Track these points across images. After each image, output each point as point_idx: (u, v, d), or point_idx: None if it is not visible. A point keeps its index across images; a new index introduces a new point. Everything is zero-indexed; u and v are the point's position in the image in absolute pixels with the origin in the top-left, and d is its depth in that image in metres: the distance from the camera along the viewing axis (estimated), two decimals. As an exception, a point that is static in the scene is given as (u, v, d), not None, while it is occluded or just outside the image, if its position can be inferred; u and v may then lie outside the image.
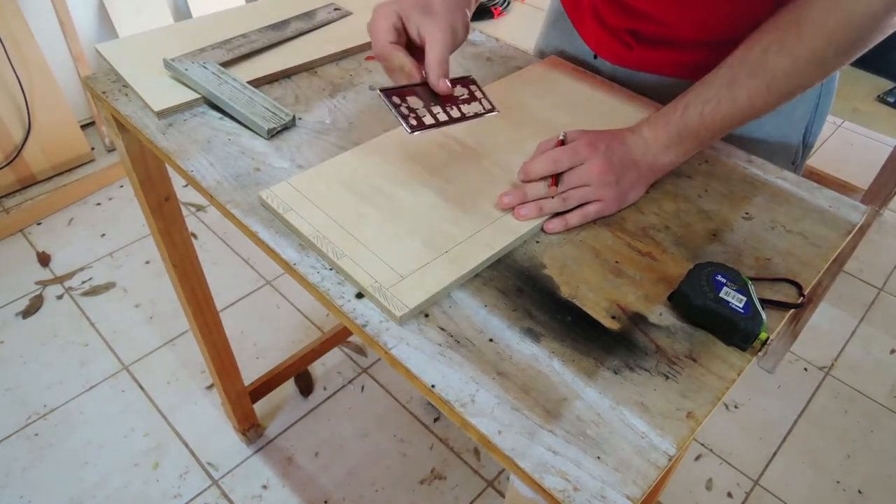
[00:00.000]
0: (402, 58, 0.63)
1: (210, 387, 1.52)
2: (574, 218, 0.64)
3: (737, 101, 0.62)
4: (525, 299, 0.57)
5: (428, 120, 0.62)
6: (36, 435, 1.41)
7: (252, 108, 0.76)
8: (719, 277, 0.55)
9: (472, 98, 0.67)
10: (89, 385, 1.51)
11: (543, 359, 0.53)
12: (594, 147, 0.64)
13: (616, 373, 0.52)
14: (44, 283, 1.75)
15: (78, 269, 1.79)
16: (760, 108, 0.62)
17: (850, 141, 2.47)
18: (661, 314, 0.57)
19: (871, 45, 0.59)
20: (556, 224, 0.64)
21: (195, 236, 1.91)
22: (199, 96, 0.78)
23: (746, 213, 0.67)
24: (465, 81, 0.68)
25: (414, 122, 0.61)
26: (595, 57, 0.87)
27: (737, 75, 0.62)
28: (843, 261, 1.38)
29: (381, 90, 0.61)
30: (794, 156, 0.83)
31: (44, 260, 1.81)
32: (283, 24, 0.92)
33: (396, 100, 0.61)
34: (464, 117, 0.65)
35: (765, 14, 0.63)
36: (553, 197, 0.63)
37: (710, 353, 0.54)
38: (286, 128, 0.76)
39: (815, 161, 2.34)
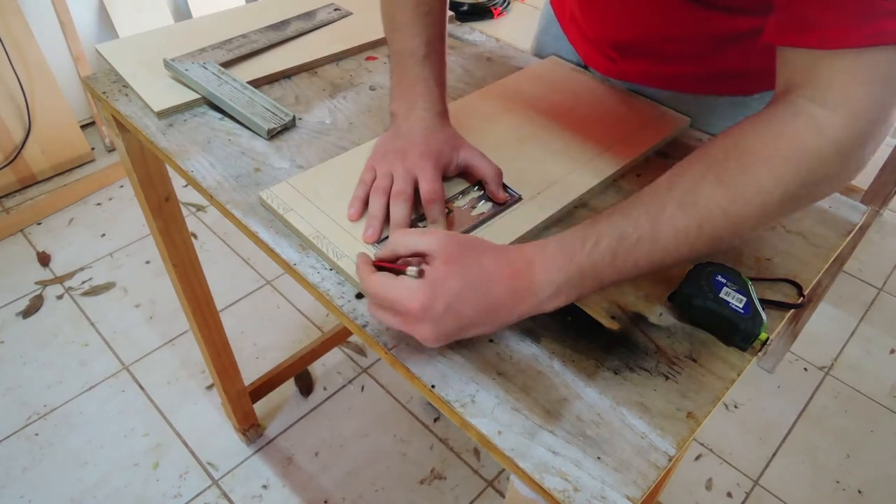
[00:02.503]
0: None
1: (210, 387, 1.52)
2: (378, 315, 0.51)
3: (658, 240, 0.48)
4: (525, 299, 0.57)
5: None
6: (36, 435, 1.41)
7: (252, 108, 0.76)
8: (719, 277, 0.55)
9: (484, 197, 0.67)
10: (89, 385, 1.51)
11: (543, 359, 0.53)
12: (425, 313, 0.48)
13: (616, 373, 0.52)
14: (44, 283, 1.75)
15: (78, 269, 1.79)
16: (685, 252, 0.49)
17: (850, 141, 2.47)
18: (661, 314, 0.57)
19: (820, 197, 0.50)
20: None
21: (195, 236, 1.91)
22: (199, 96, 0.78)
23: (746, 214, 0.67)
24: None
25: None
26: (585, 67, 0.88)
27: (663, 205, 0.49)
28: (843, 261, 1.38)
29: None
30: None
31: (44, 260, 1.81)
32: (283, 24, 0.92)
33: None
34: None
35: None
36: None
37: (710, 354, 0.54)
38: (286, 128, 0.76)
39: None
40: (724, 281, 0.55)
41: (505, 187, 0.66)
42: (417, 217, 0.63)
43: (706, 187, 0.48)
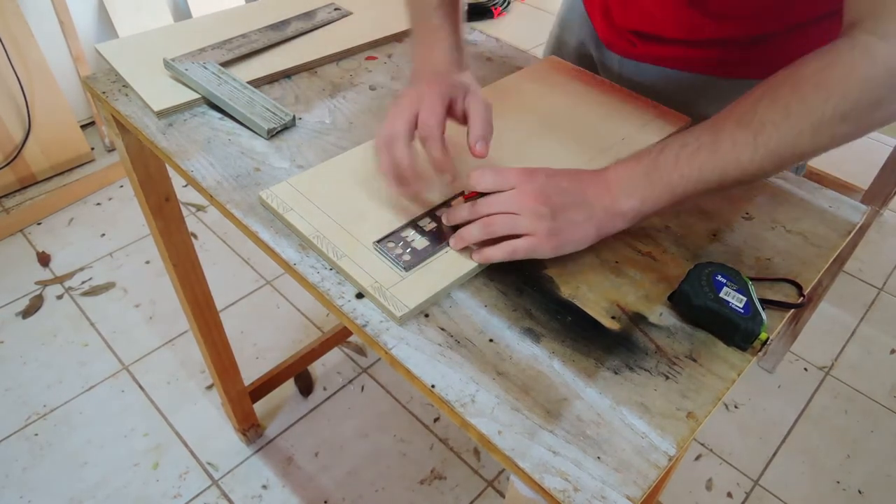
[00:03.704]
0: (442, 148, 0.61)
1: (210, 387, 1.52)
2: (496, 252, 0.57)
3: (719, 149, 0.54)
4: (525, 299, 0.57)
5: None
6: (36, 435, 1.41)
7: (252, 108, 0.76)
8: (719, 277, 0.55)
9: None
10: (89, 385, 1.51)
11: (543, 359, 0.53)
12: (531, 175, 0.58)
13: (616, 373, 0.52)
14: (44, 283, 1.75)
15: (78, 269, 1.79)
16: (745, 164, 0.53)
17: (850, 141, 2.47)
18: (661, 314, 0.57)
19: (878, 123, 0.52)
20: (477, 257, 0.58)
21: (195, 236, 1.91)
22: (199, 96, 0.78)
23: (746, 213, 0.67)
24: None
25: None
26: (605, 47, 0.89)
27: (723, 123, 0.55)
28: (843, 261, 1.38)
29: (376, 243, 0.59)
30: None
31: (44, 260, 1.81)
32: (283, 24, 0.92)
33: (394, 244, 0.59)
34: None
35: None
36: (472, 221, 0.57)
37: (711, 353, 0.54)
38: (286, 128, 0.76)
39: (815, 161, 2.33)
40: (724, 281, 0.55)
41: None
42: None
43: (761, 106, 0.53)
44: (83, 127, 2.16)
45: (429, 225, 0.62)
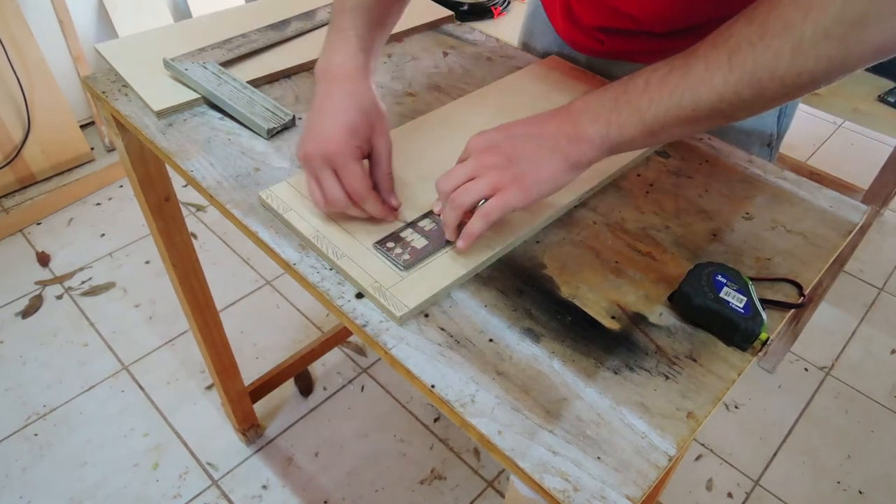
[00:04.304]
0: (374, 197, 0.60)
1: (210, 387, 1.52)
2: (475, 225, 0.55)
3: (690, 71, 0.51)
4: (525, 299, 0.57)
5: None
6: (36, 435, 1.41)
7: (252, 108, 0.75)
8: (719, 277, 0.55)
9: None
10: (89, 385, 1.51)
11: (543, 359, 0.53)
12: (481, 136, 0.56)
13: (616, 373, 0.52)
14: (44, 283, 1.75)
15: (78, 269, 1.79)
16: (719, 87, 0.50)
17: (850, 141, 2.47)
18: (661, 314, 0.57)
19: (869, 46, 0.47)
20: (460, 243, 0.56)
21: (195, 236, 1.91)
22: (198, 96, 0.78)
23: (747, 213, 0.67)
24: None
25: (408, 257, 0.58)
26: (570, 52, 0.89)
27: (698, 47, 0.52)
28: (844, 261, 1.38)
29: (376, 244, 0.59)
30: (769, 139, 0.83)
31: (43, 260, 1.81)
32: (283, 24, 0.92)
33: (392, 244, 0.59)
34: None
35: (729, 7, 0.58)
36: (448, 211, 0.56)
37: (711, 353, 0.54)
38: (286, 128, 0.76)
39: (815, 161, 2.34)
40: (724, 281, 0.55)
41: None
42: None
43: (737, 26, 0.49)
44: (83, 127, 2.16)
45: (428, 226, 0.62)
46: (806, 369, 1.65)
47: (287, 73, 0.85)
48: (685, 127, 0.53)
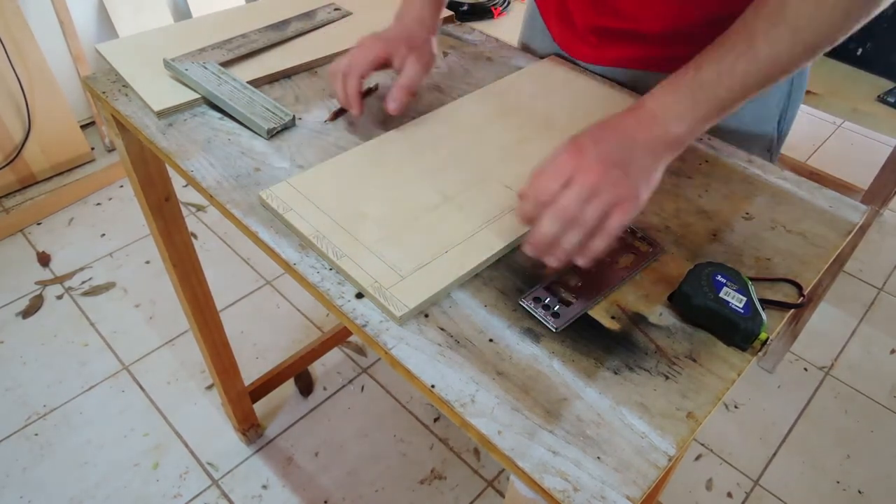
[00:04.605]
0: (353, 87, 0.72)
1: (210, 387, 1.52)
2: (598, 244, 0.54)
3: (758, 54, 0.54)
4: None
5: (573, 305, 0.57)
6: (36, 435, 1.41)
7: (252, 108, 0.76)
8: (719, 277, 0.55)
9: (624, 248, 0.61)
10: (89, 385, 1.51)
11: (543, 359, 0.53)
12: (579, 153, 0.54)
13: (616, 373, 0.52)
14: (44, 283, 1.75)
15: (78, 269, 1.79)
16: (785, 63, 0.54)
17: (850, 141, 2.47)
18: (661, 314, 0.57)
19: None
20: (585, 259, 0.55)
21: (195, 236, 1.91)
22: (198, 96, 0.78)
23: (746, 213, 0.67)
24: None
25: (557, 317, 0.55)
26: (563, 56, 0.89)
27: (755, 27, 0.54)
28: (843, 261, 1.38)
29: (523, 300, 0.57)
30: (769, 143, 0.83)
31: (44, 260, 1.81)
32: (283, 24, 0.92)
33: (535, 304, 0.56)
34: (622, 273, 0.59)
35: (732, 5, 0.59)
36: (568, 231, 0.54)
37: (710, 353, 0.54)
38: (286, 128, 0.76)
39: (815, 161, 2.34)
40: (724, 281, 0.55)
41: (645, 239, 0.63)
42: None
43: (791, 1, 0.52)
44: (83, 127, 2.16)
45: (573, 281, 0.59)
46: (805, 369, 1.65)
47: (287, 74, 0.85)
48: (752, 97, 0.56)
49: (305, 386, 1.54)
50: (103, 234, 1.90)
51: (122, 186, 2.06)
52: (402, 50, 0.74)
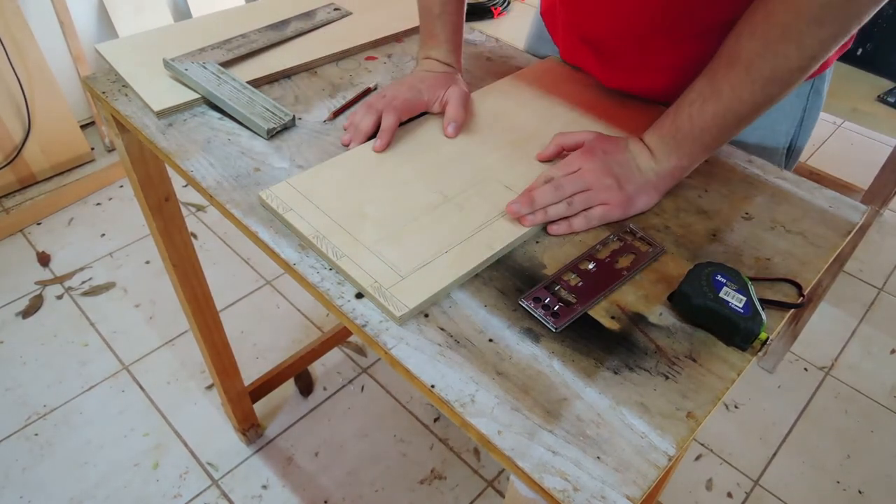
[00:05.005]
0: (391, 122, 0.72)
1: (210, 387, 1.52)
2: (578, 222, 0.64)
3: (721, 95, 0.60)
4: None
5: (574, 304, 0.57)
6: (36, 435, 1.41)
7: (252, 108, 0.76)
8: (719, 277, 0.55)
9: (624, 248, 0.62)
10: (89, 385, 1.51)
11: (543, 359, 0.53)
12: (592, 155, 0.66)
13: (616, 373, 0.52)
14: (44, 283, 1.75)
15: (78, 269, 1.79)
16: (748, 99, 0.59)
17: (850, 141, 2.47)
18: (661, 314, 0.57)
19: (852, 14, 0.53)
20: (561, 227, 0.64)
21: (195, 236, 1.91)
22: (198, 96, 0.78)
23: (746, 213, 0.67)
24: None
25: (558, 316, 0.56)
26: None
27: (716, 69, 0.60)
28: (843, 261, 1.38)
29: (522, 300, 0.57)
30: (780, 158, 0.82)
31: (44, 260, 1.81)
32: (283, 24, 0.92)
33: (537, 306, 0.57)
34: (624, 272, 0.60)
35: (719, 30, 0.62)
36: (558, 202, 0.63)
37: (710, 353, 0.54)
38: (286, 128, 0.76)
39: (815, 161, 2.34)
40: (723, 281, 0.55)
41: (645, 239, 0.64)
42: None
43: (742, 41, 0.58)
44: (83, 127, 2.16)
45: (574, 280, 0.59)
46: (805, 369, 1.65)
47: (287, 74, 0.85)
48: (739, 130, 0.62)
49: (305, 386, 1.54)
50: (103, 234, 1.90)
51: (122, 186, 2.06)
52: (438, 93, 0.77)
